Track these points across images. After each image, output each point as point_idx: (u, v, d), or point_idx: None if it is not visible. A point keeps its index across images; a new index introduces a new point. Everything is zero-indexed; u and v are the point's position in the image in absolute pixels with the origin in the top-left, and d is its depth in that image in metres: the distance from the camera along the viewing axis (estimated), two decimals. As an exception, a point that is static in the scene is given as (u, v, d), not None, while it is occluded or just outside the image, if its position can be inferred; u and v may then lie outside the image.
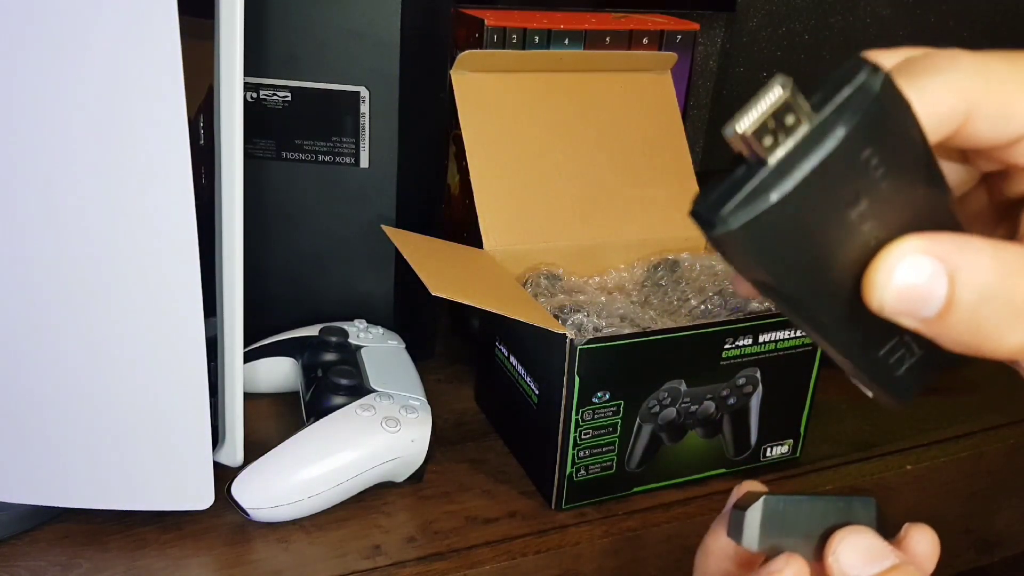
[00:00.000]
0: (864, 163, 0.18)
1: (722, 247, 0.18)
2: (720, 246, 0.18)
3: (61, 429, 0.42)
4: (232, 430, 0.47)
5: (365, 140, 0.57)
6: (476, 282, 0.52)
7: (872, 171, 0.18)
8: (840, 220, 0.19)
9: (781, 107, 0.17)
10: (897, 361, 0.23)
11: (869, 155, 0.18)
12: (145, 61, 0.37)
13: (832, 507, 0.26)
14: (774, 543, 0.26)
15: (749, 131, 0.17)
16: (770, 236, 0.18)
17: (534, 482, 0.51)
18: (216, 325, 0.46)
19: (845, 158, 0.17)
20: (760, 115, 0.17)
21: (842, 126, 0.17)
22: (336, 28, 0.54)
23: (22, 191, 0.38)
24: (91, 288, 0.40)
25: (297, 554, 0.45)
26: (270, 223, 0.58)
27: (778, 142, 0.17)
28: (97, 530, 0.45)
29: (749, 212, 0.17)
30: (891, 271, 0.19)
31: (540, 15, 0.71)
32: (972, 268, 0.19)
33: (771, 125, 0.17)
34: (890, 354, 0.23)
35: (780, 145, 0.17)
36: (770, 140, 0.17)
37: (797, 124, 0.17)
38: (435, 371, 0.62)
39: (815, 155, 0.17)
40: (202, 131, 0.43)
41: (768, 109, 0.17)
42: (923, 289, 0.19)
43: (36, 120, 0.37)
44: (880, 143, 0.18)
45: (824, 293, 0.20)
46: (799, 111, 0.17)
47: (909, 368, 0.23)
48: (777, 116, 0.17)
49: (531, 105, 0.59)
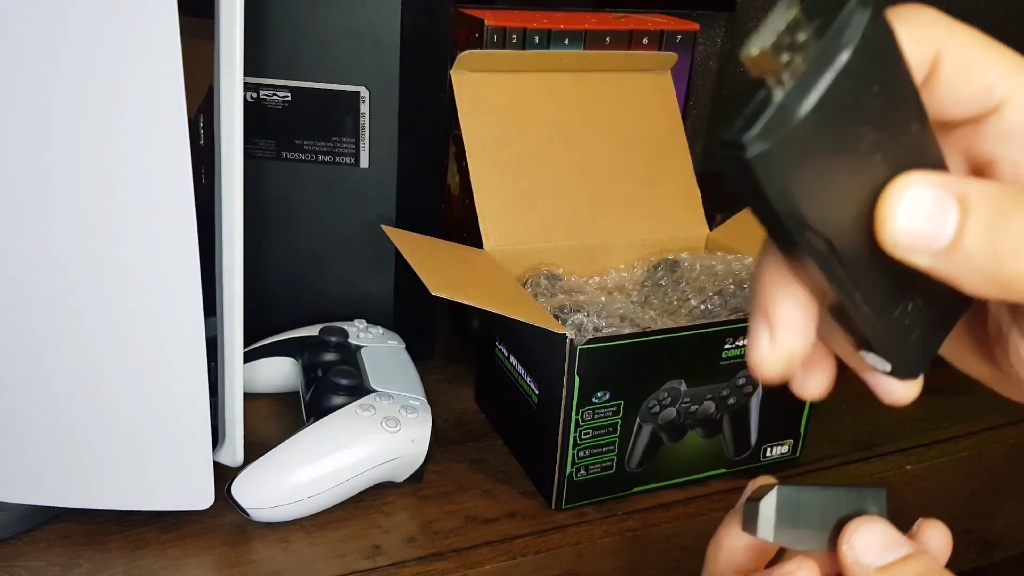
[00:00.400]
0: (866, 88, 0.18)
1: (753, 173, 0.18)
2: (751, 173, 0.18)
3: (61, 429, 0.42)
4: (232, 430, 0.47)
5: (365, 140, 0.57)
6: (476, 282, 0.52)
7: (874, 98, 0.18)
8: (854, 148, 0.19)
9: (792, 24, 0.17)
10: (908, 327, 0.23)
11: (869, 80, 0.18)
12: (145, 61, 0.37)
13: (845, 497, 0.26)
14: (788, 533, 0.26)
15: (768, 47, 0.17)
16: (799, 157, 0.18)
17: (534, 482, 0.51)
18: (216, 325, 0.46)
19: (853, 79, 0.18)
20: (777, 32, 0.17)
21: (847, 44, 0.17)
22: (336, 28, 0.54)
23: (21, 191, 0.38)
24: (91, 288, 0.40)
25: (297, 554, 0.45)
26: (270, 223, 0.58)
27: (794, 60, 0.17)
28: (97, 530, 0.45)
29: (780, 131, 0.17)
30: (898, 204, 0.19)
31: (540, 15, 0.71)
32: (981, 190, 0.19)
33: (785, 43, 0.17)
34: (902, 317, 0.22)
35: (797, 63, 0.17)
36: (787, 57, 0.17)
37: (808, 43, 0.18)
38: (435, 371, 0.62)
39: (829, 72, 0.17)
40: (202, 131, 0.43)
41: (783, 26, 0.17)
42: (934, 218, 0.19)
43: (35, 120, 0.37)
44: (877, 68, 0.18)
45: (847, 233, 0.19)
46: (808, 30, 0.17)
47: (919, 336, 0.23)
48: (790, 34, 0.17)
49: (531, 105, 0.59)
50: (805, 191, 0.18)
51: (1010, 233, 0.19)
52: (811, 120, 0.17)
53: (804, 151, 0.18)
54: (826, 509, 0.26)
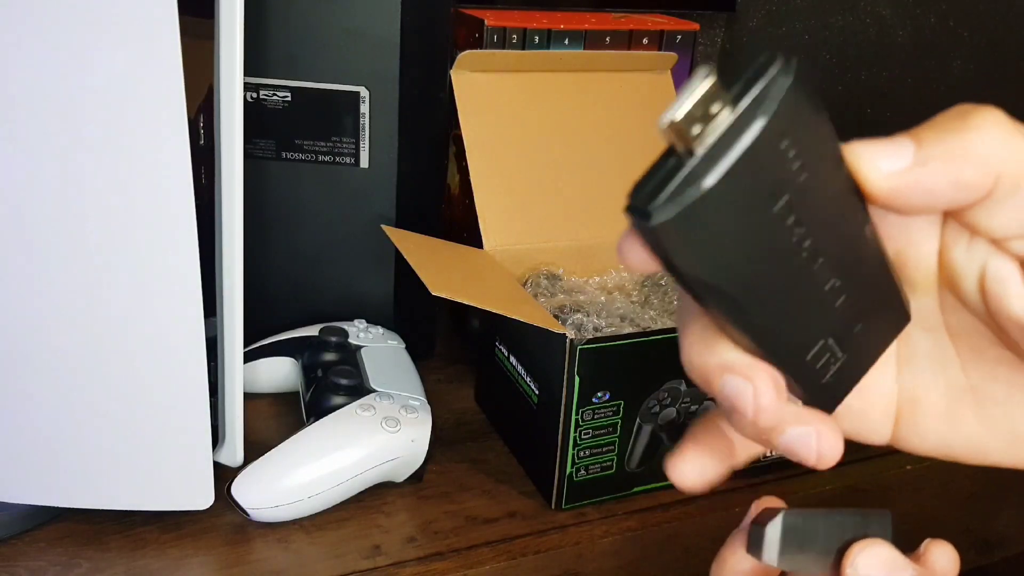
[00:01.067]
0: (784, 156, 0.18)
1: (658, 240, 0.18)
2: (656, 239, 0.18)
3: (61, 429, 0.42)
4: (232, 430, 0.47)
5: (365, 140, 0.57)
6: (476, 282, 0.52)
7: (791, 164, 0.19)
8: (767, 213, 0.19)
9: (707, 97, 0.18)
10: (824, 366, 0.23)
11: (787, 147, 0.18)
12: (145, 61, 0.37)
13: (849, 521, 0.26)
14: (793, 558, 0.26)
15: (679, 119, 0.18)
16: (704, 226, 0.18)
17: (534, 482, 0.51)
18: (216, 325, 0.46)
19: (767, 148, 0.18)
20: (689, 104, 0.18)
21: (762, 115, 0.18)
22: (336, 28, 0.54)
23: (21, 191, 0.38)
24: (91, 288, 0.40)
25: (297, 554, 0.45)
26: (270, 223, 0.58)
27: (705, 131, 0.18)
28: (97, 530, 0.45)
29: (683, 201, 0.18)
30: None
31: (540, 15, 0.71)
32: None
33: (698, 115, 0.18)
34: (817, 358, 0.23)
35: (708, 134, 0.18)
36: (698, 129, 0.18)
37: (721, 114, 0.18)
38: (435, 371, 0.62)
39: (740, 143, 0.18)
40: (202, 131, 0.43)
41: (696, 99, 0.18)
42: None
43: (35, 120, 0.37)
44: (796, 137, 0.18)
45: (756, 290, 0.20)
46: (723, 101, 0.18)
47: (835, 374, 0.24)
48: (704, 106, 0.18)
49: (531, 105, 0.59)
50: (711, 255, 0.19)
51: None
52: (718, 191, 0.18)
53: (710, 221, 0.18)
54: (830, 533, 0.26)
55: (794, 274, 0.21)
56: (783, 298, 0.21)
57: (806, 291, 0.21)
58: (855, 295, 0.22)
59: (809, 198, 0.20)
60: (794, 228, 0.20)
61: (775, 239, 0.20)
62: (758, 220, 0.19)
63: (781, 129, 0.18)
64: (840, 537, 0.26)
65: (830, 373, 0.23)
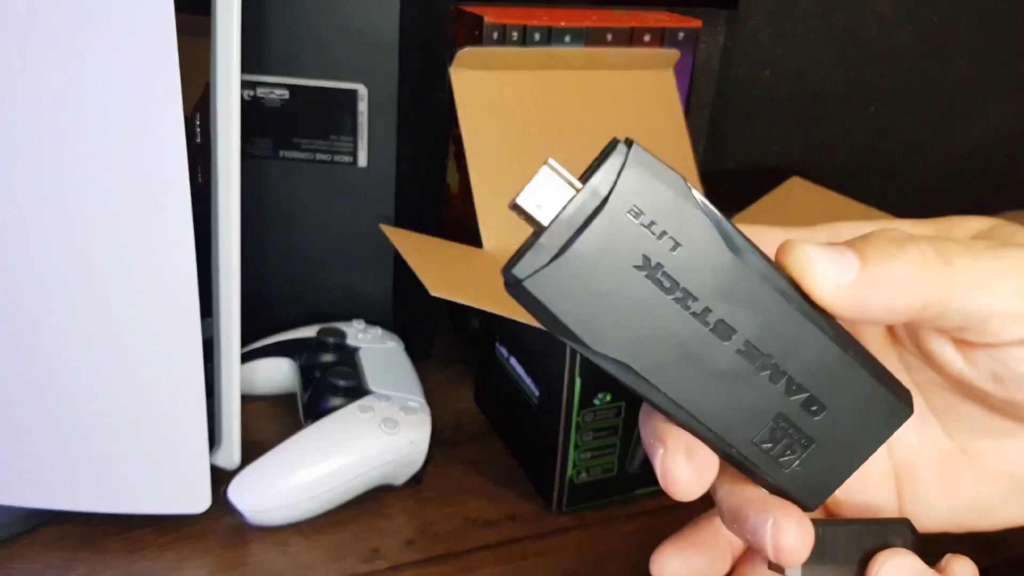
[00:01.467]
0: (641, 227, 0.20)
1: (522, 304, 0.21)
2: (522, 304, 0.21)
3: (57, 432, 0.42)
4: (229, 432, 0.47)
5: (363, 139, 0.56)
6: (476, 282, 0.52)
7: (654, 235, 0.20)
8: (636, 280, 0.20)
9: (551, 181, 0.20)
10: (783, 453, 0.23)
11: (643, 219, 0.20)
12: (141, 58, 0.37)
13: (868, 531, 0.26)
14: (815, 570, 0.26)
15: (522, 203, 0.20)
16: (561, 292, 0.20)
17: (534, 484, 0.51)
18: (213, 326, 0.45)
19: (618, 220, 0.20)
20: (532, 188, 0.20)
21: (603, 189, 0.20)
22: (334, 25, 0.54)
23: (15, 191, 0.38)
24: (86, 289, 0.40)
25: (295, 557, 0.45)
26: (267, 223, 0.58)
27: (551, 210, 0.20)
28: (94, 532, 0.45)
29: (530, 268, 0.20)
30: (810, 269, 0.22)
31: (541, 12, 0.71)
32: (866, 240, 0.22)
33: (545, 196, 0.20)
34: (770, 443, 0.23)
35: (552, 211, 0.20)
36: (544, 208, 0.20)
37: (566, 194, 0.20)
38: (435, 371, 0.61)
39: (584, 216, 0.20)
40: (199, 129, 0.43)
41: (538, 183, 0.20)
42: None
43: (29, 118, 0.37)
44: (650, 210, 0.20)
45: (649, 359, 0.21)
46: (568, 183, 0.20)
47: (806, 464, 0.23)
48: (549, 189, 0.20)
49: (531, 103, 0.59)
50: (583, 318, 0.21)
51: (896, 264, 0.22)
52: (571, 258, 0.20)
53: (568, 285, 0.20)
54: (850, 543, 0.26)
55: (696, 344, 0.21)
56: (687, 369, 0.21)
57: (720, 364, 0.22)
58: (804, 379, 0.22)
59: (695, 272, 0.21)
60: (686, 300, 0.21)
61: (652, 304, 0.21)
62: (624, 285, 0.20)
63: (629, 202, 0.20)
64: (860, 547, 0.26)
65: (796, 463, 0.23)
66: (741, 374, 0.22)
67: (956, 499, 0.27)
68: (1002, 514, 0.27)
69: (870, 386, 0.23)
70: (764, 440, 0.23)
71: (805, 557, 0.23)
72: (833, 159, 1.12)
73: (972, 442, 0.26)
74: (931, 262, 0.22)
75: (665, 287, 0.21)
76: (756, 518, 0.23)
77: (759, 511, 0.23)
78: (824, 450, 0.23)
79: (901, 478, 0.27)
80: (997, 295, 0.22)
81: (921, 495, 0.27)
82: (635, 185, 0.20)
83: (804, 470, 0.23)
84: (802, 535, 0.22)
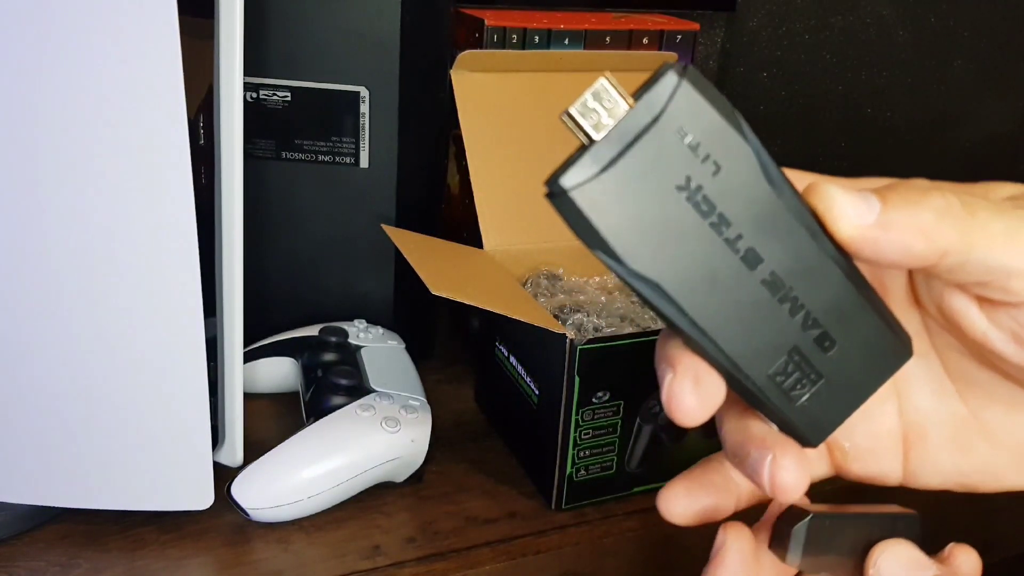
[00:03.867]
0: (687, 149, 0.20)
1: (562, 215, 0.21)
2: (562, 216, 0.21)
3: (61, 429, 0.42)
4: (232, 430, 0.47)
5: (365, 140, 0.56)
6: (476, 282, 0.52)
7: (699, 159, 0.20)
8: (676, 200, 0.21)
9: (605, 95, 0.20)
10: (793, 387, 0.23)
11: (690, 142, 0.20)
12: (145, 61, 0.37)
13: (876, 523, 0.27)
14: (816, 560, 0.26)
15: (575, 113, 0.20)
16: (604, 205, 0.20)
17: (534, 482, 0.51)
18: (216, 325, 0.46)
19: (666, 139, 0.20)
20: (586, 100, 0.20)
21: (655, 107, 0.20)
22: (336, 28, 0.54)
23: (20, 192, 0.38)
24: (90, 288, 0.40)
25: (297, 554, 0.45)
26: (270, 223, 0.58)
27: (603, 124, 0.20)
28: (96, 530, 0.45)
29: (576, 179, 0.20)
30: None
31: (540, 15, 0.71)
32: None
33: (598, 110, 0.20)
34: (783, 375, 0.23)
35: (604, 126, 0.20)
36: (594, 120, 0.20)
37: (618, 109, 0.20)
38: (435, 371, 0.62)
39: (635, 132, 0.20)
40: (202, 131, 0.43)
41: (592, 96, 0.20)
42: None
43: (34, 120, 0.37)
44: (697, 135, 0.20)
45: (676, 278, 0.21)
46: (621, 98, 0.20)
47: (813, 399, 0.24)
48: (603, 104, 0.20)
49: (531, 105, 0.59)
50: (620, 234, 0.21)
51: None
52: (615, 173, 0.20)
53: (612, 200, 0.20)
54: (856, 535, 0.26)
55: (724, 271, 0.21)
56: (714, 294, 0.22)
57: (745, 292, 0.22)
58: (821, 315, 0.23)
59: (732, 199, 0.21)
60: (720, 226, 0.21)
61: (689, 226, 0.21)
62: (666, 205, 0.20)
63: (676, 121, 0.20)
64: (866, 539, 0.26)
65: (804, 397, 0.24)
66: (764, 304, 0.22)
67: (965, 463, 0.27)
68: (1008, 480, 0.27)
69: (878, 328, 0.24)
70: (778, 372, 0.23)
71: (800, 494, 0.23)
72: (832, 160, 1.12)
73: (986, 409, 0.27)
74: (955, 211, 0.22)
75: (703, 211, 0.21)
76: (756, 453, 0.23)
77: (759, 447, 0.23)
78: (831, 386, 0.24)
79: (910, 439, 0.27)
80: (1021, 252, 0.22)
81: (929, 457, 0.27)
82: (686, 106, 0.20)
83: (811, 405, 0.24)
84: (799, 472, 0.23)
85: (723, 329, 0.22)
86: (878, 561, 0.25)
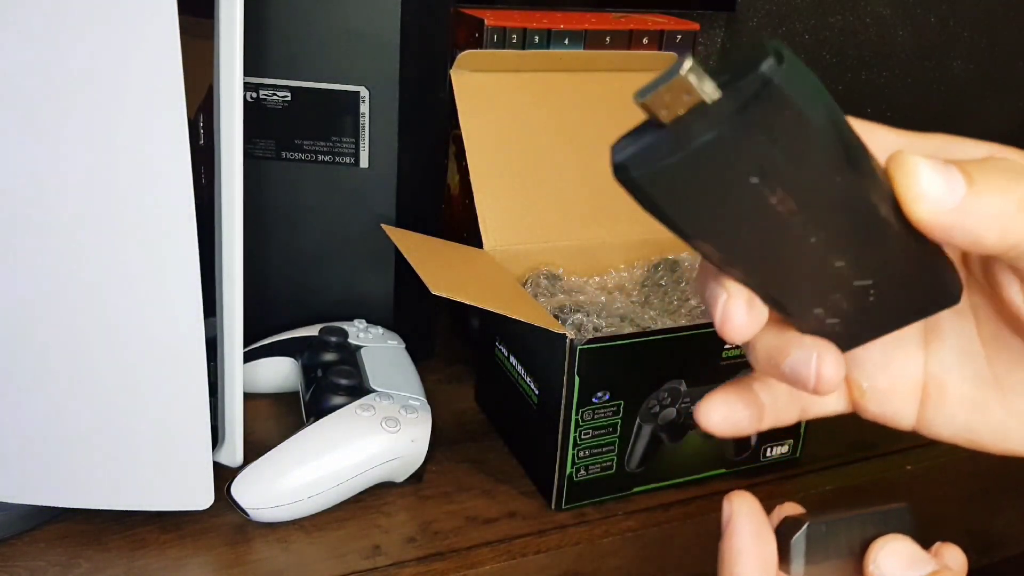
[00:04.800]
0: (766, 145, 0.19)
1: (626, 188, 0.21)
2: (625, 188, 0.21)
3: (61, 429, 0.42)
4: (232, 430, 0.47)
5: (365, 140, 0.56)
6: (476, 282, 0.52)
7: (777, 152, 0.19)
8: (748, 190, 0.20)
9: (684, 82, 0.19)
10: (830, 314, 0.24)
11: (771, 138, 0.19)
12: (145, 61, 0.37)
13: (869, 520, 0.27)
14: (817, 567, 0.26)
15: (649, 99, 0.19)
16: (671, 189, 0.20)
17: (534, 482, 0.51)
18: (216, 325, 0.46)
19: (745, 132, 0.19)
20: (661, 86, 0.19)
21: (736, 100, 0.19)
22: (336, 28, 0.54)
23: (20, 192, 0.38)
24: (90, 288, 0.40)
25: (297, 554, 0.45)
26: (270, 223, 0.58)
27: (678, 112, 0.19)
28: (97, 530, 0.45)
29: (644, 164, 0.20)
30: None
31: (540, 15, 0.71)
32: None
33: (674, 96, 0.19)
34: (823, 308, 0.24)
35: (679, 115, 0.19)
36: (669, 108, 0.19)
37: (696, 99, 0.19)
38: (435, 371, 0.62)
39: (709, 127, 0.19)
40: (202, 131, 0.43)
41: (669, 82, 0.19)
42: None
43: (35, 120, 0.37)
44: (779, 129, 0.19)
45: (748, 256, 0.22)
46: (702, 86, 0.19)
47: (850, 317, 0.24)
48: (681, 90, 0.19)
49: (531, 105, 0.59)
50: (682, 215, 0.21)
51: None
52: (682, 164, 0.19)
53: (677, 185, 0.20)
54: (852, 535, 0.27)
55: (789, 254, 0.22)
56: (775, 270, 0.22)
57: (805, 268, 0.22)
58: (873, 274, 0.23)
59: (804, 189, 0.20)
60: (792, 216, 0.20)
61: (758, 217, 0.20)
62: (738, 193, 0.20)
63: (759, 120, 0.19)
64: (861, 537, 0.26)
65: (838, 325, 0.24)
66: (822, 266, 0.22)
67: (978, 422, 0.27)
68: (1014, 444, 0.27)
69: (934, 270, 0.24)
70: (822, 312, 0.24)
71: (836, 388, 0.24)
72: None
73: (1009, 374, 0.27)
74: None
75: (772, 201, 0.20)
76: (800, 353, 0.24)
77: (802, 347, 0.24)
78: (869, 314, 0.24)
79: (929, 390, 0.28)
80: None
81: (944, 410, 0.27)
82: (772, 102, 0.19)
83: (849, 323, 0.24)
84: (839, 368, 0.24)
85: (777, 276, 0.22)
86: (877, 558, 0.26)
